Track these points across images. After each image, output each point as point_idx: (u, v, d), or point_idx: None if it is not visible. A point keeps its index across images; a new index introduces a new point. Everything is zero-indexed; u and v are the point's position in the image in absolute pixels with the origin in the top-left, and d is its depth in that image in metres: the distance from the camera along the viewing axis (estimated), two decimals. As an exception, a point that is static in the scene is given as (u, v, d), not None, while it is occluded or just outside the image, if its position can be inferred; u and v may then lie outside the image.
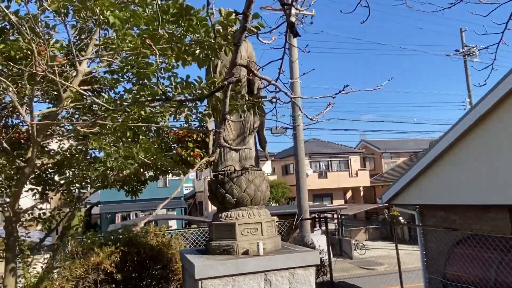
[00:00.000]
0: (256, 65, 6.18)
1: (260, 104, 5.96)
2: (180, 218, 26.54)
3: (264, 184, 5.66)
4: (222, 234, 5.41)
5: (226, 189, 5.45)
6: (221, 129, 5.76)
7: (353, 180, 35.71)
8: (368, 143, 40.04)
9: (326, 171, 36.08)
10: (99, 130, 3.87)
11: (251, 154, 5.87)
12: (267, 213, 5.68)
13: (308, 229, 14.10)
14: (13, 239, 4.23)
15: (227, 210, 5.50)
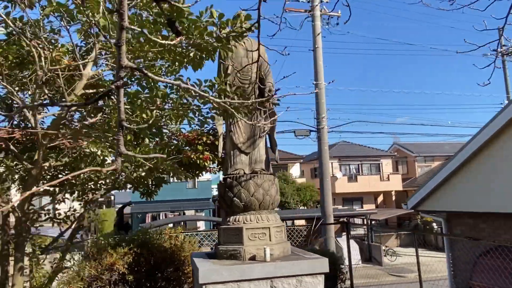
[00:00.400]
0: (268, 66, 6.11)
1: (271, 107, 5.87)
2: (207, 220, 26.74)
3: (274, 189, 5.55)
4: (229, 238, 5.35)
5: (234, 192, 5.38)
6: (231, 132, 5.74)
7: (385, 184, 34.80)
8: (401, 146, 38.96)
9: (356, 175, 35.37)
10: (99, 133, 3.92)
11: (261, 157, 5.78)
12: (276, 218, 5.56)
13: (332, 234, 13.80)
14: (22, 238, 4.34)
15: (235, 214, 5.43)
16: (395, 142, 40.00)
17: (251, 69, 5.90)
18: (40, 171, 4.24)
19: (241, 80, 5.86)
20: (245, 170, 5.64)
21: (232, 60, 5.89)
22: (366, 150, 37.24)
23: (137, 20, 3.07)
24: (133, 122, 4.08)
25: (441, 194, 9.54)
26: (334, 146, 37.28)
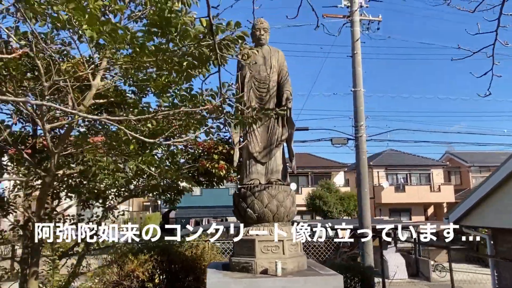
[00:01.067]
0: (287, 73, 5.96)
1: (289, 116, 5.71)
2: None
3: (289, 200, 5.36)
4: (242, 250, 5.22)
5: (248, 203, 5.26)
6: (247, 141, 5.64)
7: (435, 195, 33.03)
8: (454, 156, 36.87)
9: (404, 184, 33.91)
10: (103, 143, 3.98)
11: (278, 167, 5.62)
12: (291, 230, 5.36)
13: (370, 248, 13.23)
14: (37, 243, 4.50)
15: (248, 226, 5.29)
16: (448, 151, 37.93)
17: (269, 77, 5.79)
18: (53, 179, 4.38)
19: (258, 88, 5.75)
20: (260, 180, 5.51)
21: (250, 68, 5.80)
22: (415, 159, 35.59)
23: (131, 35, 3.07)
24: (138, 131, 4.10)
25: (485, 208, 8.85)
26: (381, 154, 36.00)
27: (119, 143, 4.12)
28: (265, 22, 5.94)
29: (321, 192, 30.33)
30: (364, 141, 13.83)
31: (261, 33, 5.88)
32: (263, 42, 5.93)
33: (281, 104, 5.66)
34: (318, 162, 35.04)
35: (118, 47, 3.30)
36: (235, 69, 5.97)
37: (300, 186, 33.76)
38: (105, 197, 5.77)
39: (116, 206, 5.71)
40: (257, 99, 5.73)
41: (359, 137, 13.76)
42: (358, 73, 14.19)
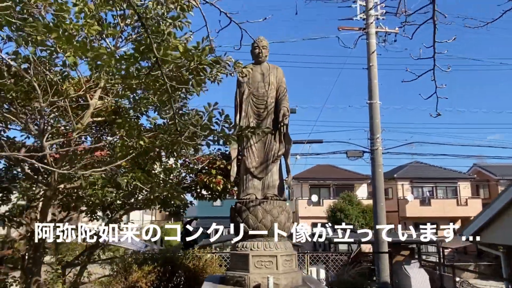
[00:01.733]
0: (285, 89, 6.06)
1: (285, 132, 5.80)
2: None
3: (284, 215, 5.42)
4: (236, 264, 5.31)
5: (243, 218, 5.35)
6: (244, 156, 5.76)
7: (462, 209, 31.96)
8: (482, 168, 35.65)
9: (429, 198, 33.00)
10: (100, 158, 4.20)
11: (274, 182, 5.69)
12: (286, 246, 5.40)
13: (386, 263, 12.97)
14: (39, 254, 4.74)
15: (244, 240, 5.38)
16: (476, 164, 36.73)
17: (267, 93, 5.90)
18: (54, 193, 4.63)
19: (256, 104, 5.88)
20: (257, 195, 5.60)
21: (248, 85, 5.95)
22: (441, 171, 34.60)
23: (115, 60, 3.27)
24: (131, 148, 4.30)
25: (499, 225, 8.58)
26: (406, 166, 35.22)
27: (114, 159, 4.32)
28: (264, 40, 6.09)
29: (343, 204, 29.93)
30: (380, 154, 13.66)
31: (260, 51, 6.02)
32: (262, 60, 6.07)
33: (278, 120, 5.77)
34: (340, 174, 34.65)
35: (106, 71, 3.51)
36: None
37: (321, 198, 33.45)
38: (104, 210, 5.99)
39: (119, 218, 5.93)
40: (255, 115, 5.86)
41: (374, 150, 13.60)
42: (374, 86, 14.10)
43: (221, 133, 4.09)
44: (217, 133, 4.09)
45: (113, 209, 6.30)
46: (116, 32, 3.94)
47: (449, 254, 28.93)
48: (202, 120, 4.04)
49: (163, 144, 4.30)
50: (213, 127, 4.18)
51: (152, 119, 4.00)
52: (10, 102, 4.06)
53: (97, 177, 3.81)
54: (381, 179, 13.64)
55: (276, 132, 5.77)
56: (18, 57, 3.95)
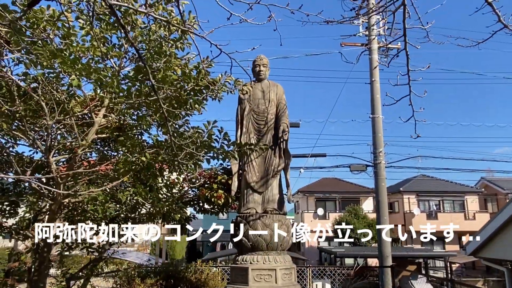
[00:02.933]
0: (285, 106, 6.21)
1: (285, 147, 5.93)
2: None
3: (283, 229, 5.52)
4: (237, 277, 5.41)
5: (243, 232, 5.47)
6: (244, 171, 5.90)
7: (470, 223, 31.62)
8: (490, 182, 35.35)
9: (436, 211, 32.76)
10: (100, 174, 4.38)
11: (274, 197, 5.81)
12: (285, 260, 5.50)
13: (389, 277, 12.91)
14: (44, 267, 4.88)
15: (243, 254, 5.49)
16: (483, 177, 36.45)
17: (267, 110, 6.07)
18: (60, 207, 4.79)
19: (257, 120, 6.04)
20: (257, 209, 5.72)
21: (249, 102, 6.12)
22: (448, 185, 34.39)
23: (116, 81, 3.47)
24: (133, 164, 4.46)
25: (503, 239, 8.58)
26: (412, 180, 35.05)
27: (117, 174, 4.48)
28: (264, 58, 6.27)
29: (349, 218, 29.82)
30: (383, 168, 13.72)
31: (260, 69, 6.20)
32: (263, 77, 6.25)
33: (278, 136, 5.91)
34: (346, 187, 34.56)
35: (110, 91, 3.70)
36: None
37: (327, 212, 33.37)
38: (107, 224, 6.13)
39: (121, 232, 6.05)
40: (256, 131, 6.01)
41: (377, 164, 13.66)
42: (377, 100, 14.22)
43: (220, 149, 4.24)
44: (217, 150, 4.24)
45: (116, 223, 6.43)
46: (120, 54, 4.14)
47: (457, 269, 28.59)
48: (202, 137, 4.20)
49: (165, 160, 4.46)
50: (213, 144, 4.34)
51: (154, 136, 4.17)
52: (19, 119, 4.25)
53: (98, 194, 3.96)
54: (384, 193, 13.66)
55: (276, 147, 5.92)
56: (27, 78, 4.16)
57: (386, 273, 12.85)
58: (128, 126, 4.87)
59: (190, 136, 4.17)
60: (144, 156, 4.32)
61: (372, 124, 14.15)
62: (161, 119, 4.20)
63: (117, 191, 4.53)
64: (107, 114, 4.67)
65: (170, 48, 4.09)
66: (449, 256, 24.98)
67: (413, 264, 25.56)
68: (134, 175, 4.49)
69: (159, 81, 3.38)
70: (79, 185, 4.28)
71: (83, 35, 3.93)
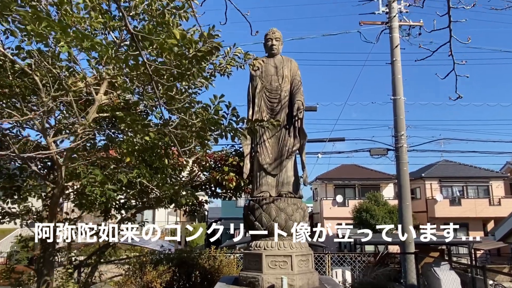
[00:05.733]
0: (300, 82, 5.81)
1: (300, 126, 5.55)
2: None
3: (299, 213, 5.16)
4: (250, 264, 5.10)
5: (256, 216, 5.14)
6: (257, 152, 5.55)
7: (495, 209, 30.67)
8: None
9: (460, 198, 31.83)
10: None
11: (289, 179, 5.45)
12: (302, 245, 5.15)
13: (412, 264, 12.46)
14: (49, 253, 4.68)
15: (257, 239, 5.17)
16: (509, 161, 35.20)
17: (281, 87, 5.68)
18: (62, 190, 4.55)
19: (269, 98, 5.66)
20: (271, 193, 5.38)
21: (261, 79, 5.74)
22: (472, 170, 33.34)
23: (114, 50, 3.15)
24: (136, 144, 4.16)
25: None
26: (434, 165, 34.11)
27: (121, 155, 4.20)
28: (277, 31, 5.86)
29: (369, 205, 29.23)
30: (405, 151, 13.16)
31: (273, 43, 5.80)
32: (275, 52, 5.84)
33: (293, 115, 5.53)
34: (366, 174, 33.91)
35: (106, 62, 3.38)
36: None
37: (346, 199, 32.88)
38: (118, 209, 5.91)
39: (132, 217, 5.82)
40: (268, 110, 5.64)
41: (399, 148, 13.12)
42: (398, 81, 13.62)
43: (228, 126, 3.90)
44: (224, 127, 3.90)
45: (127, 208, 6.22)
46: (120, 24, 3.81)
47: (481, 256, 27.78)
48: (209, 113, 3.87)
49: (172, 140, 4.14)
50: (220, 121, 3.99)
51: (157, 114, 3.85)
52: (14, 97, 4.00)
53: (96, 173, 3.67)
54: (406, 177, 13.14)
55: (290, 126, 5.54)
56: (21, 52, 3.88)
57: (409, 260, 12.41)
58: (134, 104, 4.57)
59: (195, 113, 3.84)
60: (147, 136, 4.01)
61: (393, 106, 13.60)
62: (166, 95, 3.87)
63: (119, 172, 4.25)
64: (109, 90, 4.37)
65: (173, 20, 3.74)
66: (474, 242, 24.19)
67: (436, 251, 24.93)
68: (138, 156, 4.20)
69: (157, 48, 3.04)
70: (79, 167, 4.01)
71: (78, 2, 3.61)
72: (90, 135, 4.39)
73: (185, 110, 3.94)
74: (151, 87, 4.13)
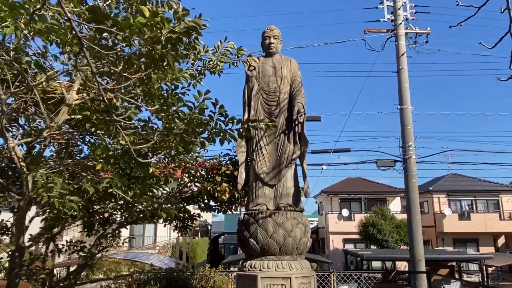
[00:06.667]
0: (300, 83, 5.28)
1: (301, 131, 5.00)
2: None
3: (299, 229, 4.57)
4: (244, 287, 4.49)
5: (251, 232, 4.56)
6: (253, 160, 4.99)
7: (506, 224, 29.74)
8: (527, 180, 33.20)
9: (469, 212, 30.94)
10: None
11: (288, 190, 4.87)
12: (303, 266, 4.55)
13: (423, 283, 11.73)
14: (15, 274, 4.12)
15: (252, 259, 4.58)
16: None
17: (279, 88, 5.15)
18: (30, 202, 4.01)
19: (267, 101, 5.13)
20: (268, 206, 4.80)
21: (258, 80, 5.21)
22: (481, 183, 32.52)
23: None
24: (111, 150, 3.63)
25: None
26: (442, 178, 33.32)
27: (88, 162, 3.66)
28: (275, 29, 5.36)
29: (375, 219, 28.41)
30: (414, 163, 12.53)
31: (271, 41, 5.29)
32: (274, 51, 5.33)
33: (293, 119, 4.98)
34: (372, 187, 33.14)
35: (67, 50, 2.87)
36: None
37: (352, 213, 32.07)
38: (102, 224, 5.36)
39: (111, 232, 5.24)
40: (266, 113, 5.10)
41: (407, 159, 12.50)
42: (405, 90, 13.08)
43: (215, 128, 3.35)
44: (211, 128, 3.35)
45: (111, 223, 5.65)
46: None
47: (492, 273, 26.76)
48: (193, 113, 3.33)
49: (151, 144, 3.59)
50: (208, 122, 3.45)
51: (132, 113, 3.31)
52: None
53: (55, 182, 3.12)
54: (415, 190, 12.48)
55: (290, 132, 4.99)
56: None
57: (420, 279, 11.67)
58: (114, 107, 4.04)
59: (177, 111, 3.30)
60: (122, 139, 3.46)
61: (400, 115, 13.04)
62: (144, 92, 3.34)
63: (79, 181, 3.69)
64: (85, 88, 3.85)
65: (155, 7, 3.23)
66: (485, 259, 23.26)
67: (446, 267, 24.04)
68: (115, 164, 3.66)
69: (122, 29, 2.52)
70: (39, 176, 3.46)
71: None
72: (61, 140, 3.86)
73: (165, 109, 3.40)
74: (124, 82, 3.60)
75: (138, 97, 3.59)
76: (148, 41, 2.52)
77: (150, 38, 2.54)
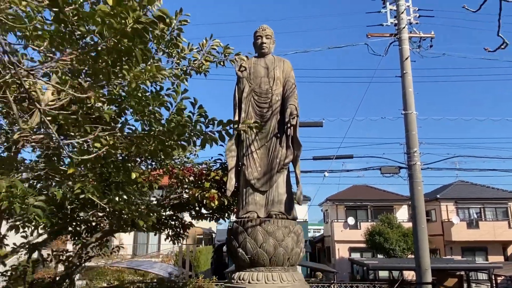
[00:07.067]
0: (294, 84, 5.04)
1: (294, 135, 4.74)
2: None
3: (291, 239, 4.29)
4: (232, 301, 4.22)
5: (239, 242, 4.29)
6: (244, 165, 4.74)
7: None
8: (537, 187, 32.53)
9: (477, 220, 30.32)
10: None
11: (280, 197, 4.60)
12: (295, 278, 4.26)
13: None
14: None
15: (241, 270, 4.30)
16: (529, 182, 33.60)
17: (272, 90, 4.90)
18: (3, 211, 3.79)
19: (258, 103, 4.88)
20: (259, 213, 4.53)
21: (249, 81, 4.98)
22: (489, 191, 31.92)
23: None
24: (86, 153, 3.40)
25: None
26: (450, 186, 32.75)
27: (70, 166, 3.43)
28: (268, 28, 5.13)
29: (382, 227, 27.91)
30: (419, 169, 12.21)
31: (263, 41, 5.07)
32: (266, 51, 5.10)
33: (285, 121, 4.73)
34: (378, 195, 32.65)
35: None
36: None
37: (358, 221, 31.59)
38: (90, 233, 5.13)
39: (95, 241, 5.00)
40: (257, 116, 4.85)
41: (412, 165, 12.17)
42: (409, 94, 12.80)
43: (194, 130, 3.11)
44: (189, 130, 3.11)
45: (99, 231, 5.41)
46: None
47: (502, 282, 26.10)
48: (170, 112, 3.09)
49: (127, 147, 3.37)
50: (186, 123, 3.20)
51: (105, 113, 3.09)
52: None
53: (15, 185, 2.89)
54: (421, 197, 12.13)
55: (282, 135, 4.74)
56: None
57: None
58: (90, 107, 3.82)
59: (152, 111, 3.07)
60: (98, 142, 3.24)
61: (404, 121, 12.75)
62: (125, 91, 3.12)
63: (46, 184, 3.47)
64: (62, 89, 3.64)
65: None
66: (494, 268, 22.65)
67: (454, 277, 23.44)
68: (92, 168, 3.43)
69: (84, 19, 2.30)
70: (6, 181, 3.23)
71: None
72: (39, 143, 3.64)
73: (141, 109, 3.17)
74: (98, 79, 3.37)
75: (116, 96, 3.38)
76: (113, 32, 2.29)
77: (115, 30, 2.31)
